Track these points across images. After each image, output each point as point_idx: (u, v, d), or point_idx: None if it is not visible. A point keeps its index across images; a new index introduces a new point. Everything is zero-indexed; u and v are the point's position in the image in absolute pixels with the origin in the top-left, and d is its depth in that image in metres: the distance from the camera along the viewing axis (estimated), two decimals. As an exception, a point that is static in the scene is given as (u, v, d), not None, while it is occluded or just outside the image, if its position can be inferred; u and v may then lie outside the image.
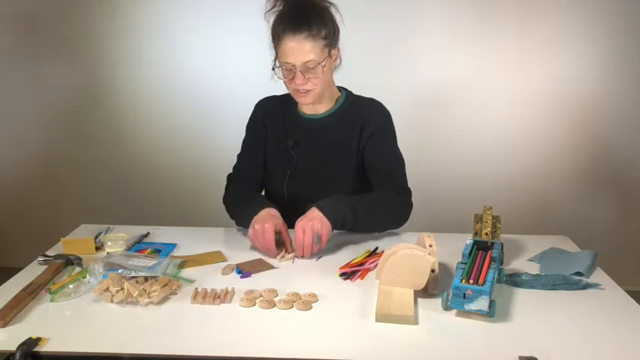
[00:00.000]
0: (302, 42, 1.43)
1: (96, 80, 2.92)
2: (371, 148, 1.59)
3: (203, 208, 2.93)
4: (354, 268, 1.33)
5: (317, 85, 1.49)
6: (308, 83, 1.48)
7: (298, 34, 1.43)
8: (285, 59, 1.46)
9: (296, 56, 1.44)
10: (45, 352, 0.99)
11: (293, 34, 1.43)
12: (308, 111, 1.63)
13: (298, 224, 1.38)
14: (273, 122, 1.66)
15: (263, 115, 1.68)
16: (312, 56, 1.44)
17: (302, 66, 1.45)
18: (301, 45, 1.43)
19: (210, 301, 1.16)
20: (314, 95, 1.52)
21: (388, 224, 1.58)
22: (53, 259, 1.35)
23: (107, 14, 2.83)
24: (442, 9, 2.74)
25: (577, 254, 1.43)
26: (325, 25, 1.47)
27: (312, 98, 1.53)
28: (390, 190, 1.56)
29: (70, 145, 3.01)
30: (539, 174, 2.90)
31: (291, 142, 1.62)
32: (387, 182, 1.58)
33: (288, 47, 1.44)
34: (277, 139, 1.64)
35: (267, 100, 1.71)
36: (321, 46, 1.46)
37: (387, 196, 1.55)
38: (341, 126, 1.61)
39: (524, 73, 2.79)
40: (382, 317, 1.09)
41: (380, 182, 1.59)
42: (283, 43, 1.45)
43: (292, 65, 1.46)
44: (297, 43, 1.43)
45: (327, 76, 1.53)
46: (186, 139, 2.95)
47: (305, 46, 1.44)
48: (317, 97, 1.54)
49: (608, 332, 1.07)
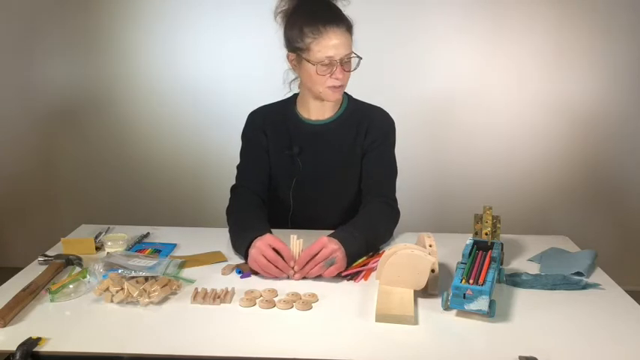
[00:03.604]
0: (344, 34, 1.44)
1: (96, 80, 2.92)
2: (371, 156, 1.59)
3: (203, 208, 2.94)
4: (356, 269, 1.33)
5: (347, 80, 1.50)
6: (345, 77, 1.48)
7: (341, 26, 1.43)
8: (327, 54, 1.43)
9: (341, 49, 1.43)
10: (45, 352, 0.99)
11: (337, 26, 1.43)
12: (313, 116, 1.60)
13: (324, 239, 1.29)
14: (273, 129, 1.61)
15: (262, 123, 1.62)
16: (351, 48, 1.46)
17: (343, 59, 1.45)
18: (344, 38, 1.44)
19: (210, 301, 1.16)
20: (342, 91, 1.52)
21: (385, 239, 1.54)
22: (53, 259, 1.35)
23: (107, 14, 2.82)
24: (447, 13, 2.73)
25: (577, 254, 1.43)
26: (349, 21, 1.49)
27: (340, 94, 1.53)
28: (382, 202, 1.53)
29: (70, 145, 3.01)
30: (539, 174, 2.90)
31: (297, 149, 1.59)
32: (378, 192, 1.56)
33: (333, 40, 1.42)
34: (280, 147, 1.60)
35: (262, 108, 1.66)
36: (352, 40, 1.48)
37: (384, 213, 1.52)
38: (346, 130, 1.59)
39: (524, 76, 2.79)
40: (382, 317, 1.09)
41: (372, 191, 1.57)
42: (325, 38, 1.42)
43: (334, 59, 1.44)
44: (341, 36, 1.43)
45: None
46: (186, 140, 2.95)
47: (347, 38, 1.45)
48: (342, 93, 1.54)
49: (608, 332, 1.07)
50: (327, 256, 1.26)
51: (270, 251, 1.28)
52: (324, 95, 1.51)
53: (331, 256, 1.26)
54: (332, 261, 1.26)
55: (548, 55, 2.75)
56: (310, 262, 1.27)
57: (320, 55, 1.43)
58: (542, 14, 2.71)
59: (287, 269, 1.28)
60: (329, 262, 1.26)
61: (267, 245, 1.28)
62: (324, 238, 1.29)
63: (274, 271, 1.28)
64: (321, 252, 1.26)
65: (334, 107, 1.61)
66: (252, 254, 1.29)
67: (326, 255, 1.26)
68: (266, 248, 1.28)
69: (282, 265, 1.28)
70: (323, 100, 1.55)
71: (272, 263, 1.27)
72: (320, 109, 1.59)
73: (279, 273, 1.28)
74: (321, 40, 1.42)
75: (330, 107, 1.60)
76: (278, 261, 1.27)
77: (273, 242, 1.29)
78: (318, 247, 1.27)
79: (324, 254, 1.26)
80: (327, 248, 1.26)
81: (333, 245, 1.27)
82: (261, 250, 1.28)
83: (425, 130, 2.87)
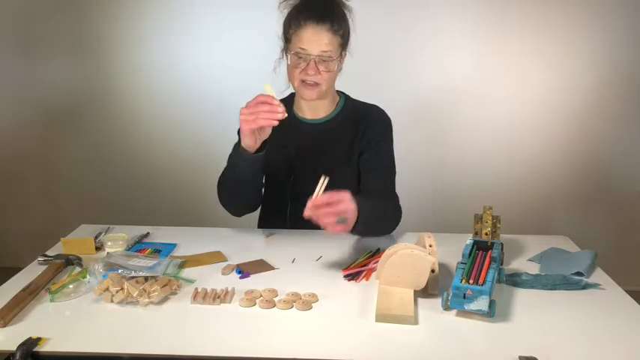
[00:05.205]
0: (322, 33, 1.45)
1: (96, 80, 2.92)
2: (369, 154, 1.59)
3: (203, 208, 2.93)
4: (357, 269, 1.33)
5: (325, 80, 1.49)
6: (318, 76, 1.47)
7: (321, 24, 1.45)
8: (301, 45, 1.45)
9: (314, 45, 1.45)
10: (45, 352, 0.99)
11: (316, 23, 1.44)
12: (308, 115, 1.61)
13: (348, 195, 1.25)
14: None
15: None
16: (330, 48, 1.46)
17: (317, 56, 1.45)
18: (321, 35, 1.45)
19: (210, 301, 1.16)
20: (319, 92, 1.51)
21: (386, 230, 1.55)
22: (53, 259, 1.35)
23: (106, 13, 2.82)
24: (446, 11, 2.74)
25: (577, 254, 1.43)
26: (344, 25, 1.50)
27: (317, 94, 1.52)
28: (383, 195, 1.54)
29: (71, 145, 3.01)
30: (539, 174, 2.90)
31: (292, 149, 1.60)
32: (378, 189, 1.56)
33: (308, 35, 1.44)
34: (276, 146, 1.58)
35: None
36: (338, 43, 1.48)
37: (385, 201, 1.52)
38: (343, 129, 1.60)
39: (524, 75, 2.79)
40: (382, 317, 1.09)
41: (371, 188, 1.57)
42: (303, 30, 1.45)
43: (308, 54, 1.45)
44: (318, 33, 1.44)
45: (334, 76, 1.53)
46: (186, 139, 2.95)
47: (327, 37, 1.45)
48: (321, 94, 1.53)
49: (608, 332, 1.07)
50: (343, 212, 1.23)
51: (254, 102, 1.33)
52: (299, 91, 1.53)
53: (346, 215, 1.24)
54: (344, 219, 1.24)
55: (548, 55, 2.75)
56: (327, 207, 1.22)
57: (295, 46, 1.47)
58: (542, 14, 2.71)
59: (274, 107, 1.32)
60: (342, 218, 1.23)
61: (252, 102, 1.33)
62: (347, 194, 1.25)
63: (264, 109, 1.32)
64: (340, 205, 1.23)
65: (329, 107, 1.61)
66: (240, 116, 1.34)
67: (343, 210, 1.23)
68: (250, 103, 1.33)
69: (268, 107, 1.32)
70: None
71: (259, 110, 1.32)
72: (313, 108, 1.60)
73: (271, 111, 1.32)
74: (298, 32, 1.46)
75: (325, 107, 1.60)
76: (262, 105, 1.32)
77: (258, 98, 1.34)
78: (340, 199, 1.23)
79: (341, 209, 1.23)
80: (348, 205, 1.24)
81: (352, 205, 1.25)
82: (246, 108, 1.33)
83: (425, 130, 2.88)
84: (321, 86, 1.50)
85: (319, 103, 1.59)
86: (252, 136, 1.39)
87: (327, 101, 1.60)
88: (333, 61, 1.48)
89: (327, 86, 1.51)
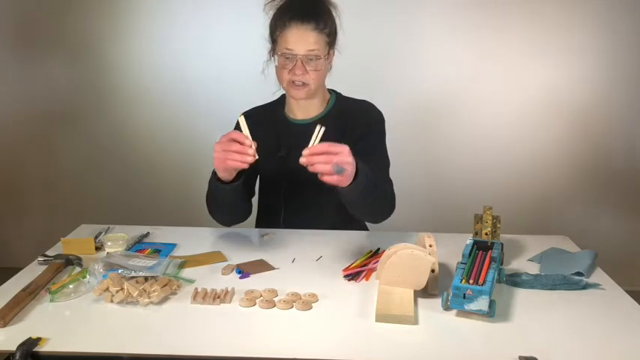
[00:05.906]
0: (308, 32, 1.44)
1: (96, 80, 2.92)
2: (361, 147, 1.57)
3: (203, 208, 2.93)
4: (357, 269, 1.33)
5: (314, 80, 1.48)
6: (306, 76, 1.47)
7: (306, 23, 1.44)
8: (287, 46, 1.45)
9: (300, 45, 1.44)
10: (45, 352, 0.99)
11: (300, 22, 1.44)
12: (299, 116, 1.60)
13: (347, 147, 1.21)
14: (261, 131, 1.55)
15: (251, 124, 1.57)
16: (317, 47, 1.45)
17: (304, 56, 1.45)
18: (307, 35, 1.44)
19: (210, 301, 1.16)
20: (308, 91, 1.50)
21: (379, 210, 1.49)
22: (53, 259, 1.35)
23: (106, 13, 2.83)
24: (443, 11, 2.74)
25: (577, 254, 1.43)
26: (330, 23, 1.49)
27: (305, 94, 1.51)
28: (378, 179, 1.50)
29: (70, 145, 3.01)
30: (539, 174, 2.90)
31: (284, 151, 1.58)
32: None
33: (294, 35, 1.44)
34: (268, 148, 1.57)
35: (251, 110, 1.66)
36: (325, 41, 1.48)
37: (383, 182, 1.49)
38: (335, 128, 1.58)
39: (524, 75, 2.79)
40: (382, 317, 1.09)
41: None
42: (288, 31, 1.45)
43: (294, 54, 1.45)
44: (304, 32, 1.44)
45: (323, 75, 1.53)
46: (186, 139, 2.95)
47: (312, 37, 1.45)
48: (310, 94, 1.52)
49: (608, 332, 1.07)
50: (341, 162, 1.19)
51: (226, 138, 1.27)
52: (288, 92, 1.53)
53: (344, 165, 1.19)
54: (341, 170, 1.19)
55: (548, 54, 2.75)
56: (325, 155, 1.19)
57: (282, 47, 1.46)
58: (542, 13, 2.71)
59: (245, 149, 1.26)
60: (339, 168, 1.19)
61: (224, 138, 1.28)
62: (346, 147, 1.21)
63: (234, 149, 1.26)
64: (338, 154, 1.19)
65: (320, 106, 1.60)
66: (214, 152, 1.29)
67: (341, 160, 1.19)
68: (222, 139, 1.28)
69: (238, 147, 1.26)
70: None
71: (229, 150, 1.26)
72: (303, 108, 1.59)
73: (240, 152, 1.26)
74: (284, 32, 1.45)
75: (315, 106, 1.60)
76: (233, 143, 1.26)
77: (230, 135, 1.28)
78: (339, 149, 1.20)
79: (340, 158, 1.19)
80: (346, 156, 1.20)
81: (351, 159, 1.21)
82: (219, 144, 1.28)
83: (425, 130, 2.88)
84: (309, 86, 1.49)
85: (309, 102, 1.58)
86: (225, 171, 1.36)
87: (318, 100, 1.59)
88: (320, 60, 1.47)
89: (315, 85, 1.50)
